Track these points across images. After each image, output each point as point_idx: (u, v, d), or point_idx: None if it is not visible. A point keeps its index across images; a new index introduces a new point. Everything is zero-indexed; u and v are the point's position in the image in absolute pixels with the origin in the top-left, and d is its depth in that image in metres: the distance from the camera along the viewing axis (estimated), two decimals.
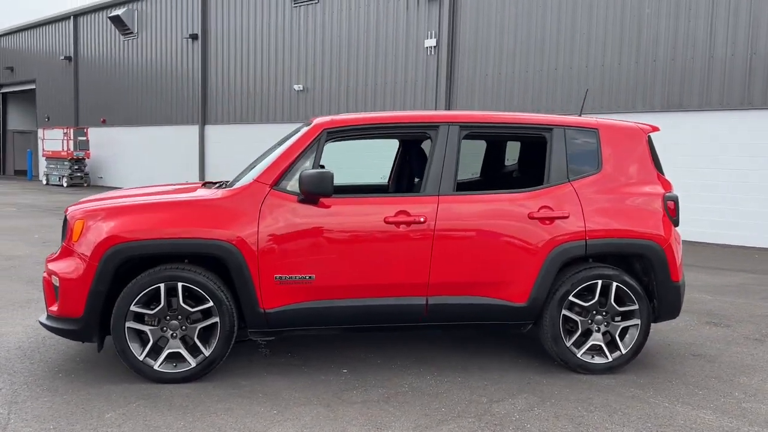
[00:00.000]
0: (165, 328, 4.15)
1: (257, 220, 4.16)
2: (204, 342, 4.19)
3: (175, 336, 4.16)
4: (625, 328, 4.52)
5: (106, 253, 4.04)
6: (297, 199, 4.22)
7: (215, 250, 4.10)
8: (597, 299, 4.44)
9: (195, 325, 4.16)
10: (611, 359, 4.48)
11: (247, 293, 4.15)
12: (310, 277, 4.20)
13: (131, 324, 4.09)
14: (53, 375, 4.27)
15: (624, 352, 4.49)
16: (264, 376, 4.34)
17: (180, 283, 4.10)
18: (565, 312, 4.44)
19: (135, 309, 4.08)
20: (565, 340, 4.45)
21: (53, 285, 4.21)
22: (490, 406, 3.91)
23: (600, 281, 4.42)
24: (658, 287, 4.52)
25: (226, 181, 4.86)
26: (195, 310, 4.14)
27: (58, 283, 4.15)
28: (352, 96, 17.54)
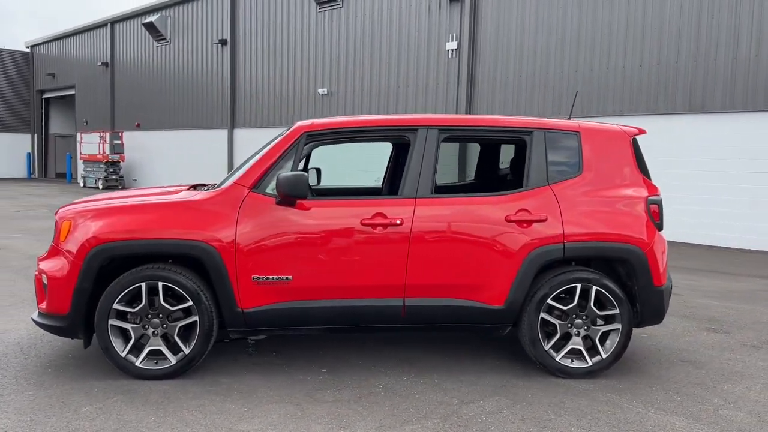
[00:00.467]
0: (147, 326, 4.27)
1: (235, 221, 4.25)
2: (184, 340, 4.30)
3: (157, 334, 4.28)
4: (606, 332, 4.48)
5: (89, 253, 4.19)
6: (275, 201, 4.30)
7: (193, 250, 4.21)
8: (576, 303, 4.42)
9: (175, 324, 4.27)
10: (591, 363, 4.44)
11: (225, 293, 4.25)
12: (287, 278, 4.27)
13: (114, 321, 4.23)
14: (43, 370, 4.44)
15: (604, 356, 4.45)
16: (244, 374, 4.43)
17: (160, 283, 4.22)
18: (544, 315, 4.42)
19: (118, 307, 4.22)
20: (544, 343, 4.43)
21: (43, 283, 4.37)
22: (459, 407, 3.93)
23: (579, 285, 4.40)
24: (640, 292, 4.47)
25: (214, 184, 4.98)
26: (175, 309, 4.26)
27: (46, 281, 4.32)
28: (374, 99, 17.64)
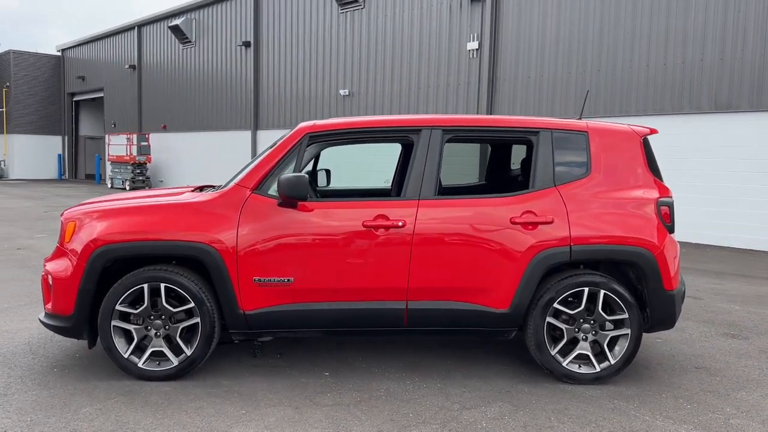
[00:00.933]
0: (149, 327, 4.28)
1: (237, 223, 4.24)
2: (186, 342, 4.30)
3: (159, 335, 4.29)
4: (615, 337, 4.36)
5: (93, 254, 4.21)
6: (276, 203, 4.28)
7: (195, 252, 4.20)
8: (584, 307, 4.31)
9: (177, 325, 4.28)
10: (599, 369, 4.33)
11: (227, 295, 4.24)
12: (288, 280, 4.25)
13: (117, 323, 4.24)
14: (49, 370, 4.47)
15: (613, 362, 4.33)
16: (246, 377, 4.41)
17: (162, 284, 4.22)
18: (550, 319, 4.32)
19: (120, 308, 4.23)
20: (551, 348, 4.34)
21: (49, 284, 4.41)
22: (460, 413, 3.85)
23: (587, 289, 4.29)
24: (650, 296, 4.35)
25: (220, 185, 4.98)
26: (177, 310, 4.26)
27: (51, 282, 4.36)
28: (396, 100, 17.59)
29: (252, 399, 4.02)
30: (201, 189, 5.15)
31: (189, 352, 4.27)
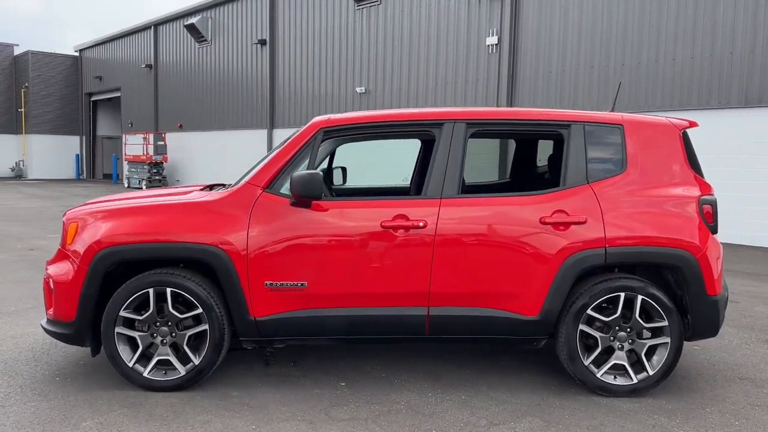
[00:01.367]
0: (155, 334, 4.04)
1: (247, 223, 3.98)
2: (194, 350, 4.05)
3: (165, 343, 4.04)
4: (653, 346, 4.04)
5: (95, 257, 3.97)
6: (289, 202, 4.01)
7: (202, 254, 3.95)
8: (620, 313, 4.00)
9: (185, 332, 4.03)
10: (636, 381, 4.02)
11: (237, 300, 3.98)
12: (302, 285, 3.98)
13: (121, 329, 4.00)
14: (50, 379, 4.24)
15: (651, 373, 4.01)
16: (258, 387, 4.15)
17: (169, 289, 3.98)
18: (583, 327, 4.01)
19: (125, 314, 3.99)
20: (584, 358, 4.03)
21: (51, 288, 4.18)
22: (487, 429, 3.56)
23: (623, 294, 3.97)
24: (691, 302, 4.02)
25: (230, 184, 4.73)
26: (184, 316, 4.01)
27: (53, 286, 4.13)
28: (413, 97, 17.29)
29: (263, 412, 3.76)
30: (211, 188, 4.91)
31: (197, 360, 4.01)
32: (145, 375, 4.02)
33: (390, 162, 12.76)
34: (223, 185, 4.97)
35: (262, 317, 3.99)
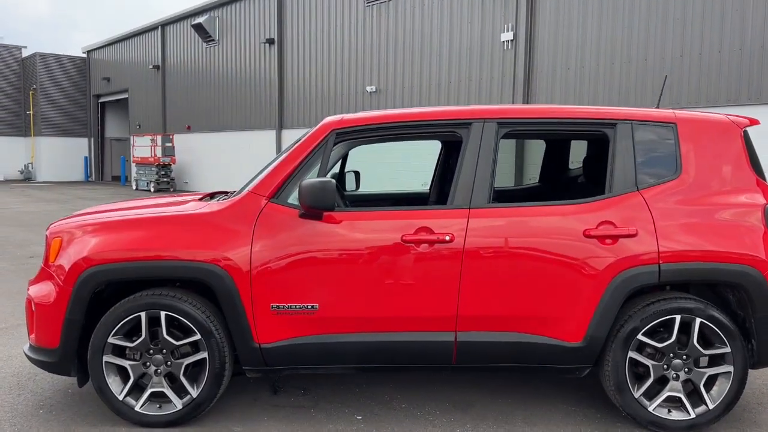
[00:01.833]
0: (148, 363, 3.58)
1: (251, 238, 3.52)
2: (192, 381, 3.59)
3: (160, 373, 3.58)
4: (713, 376, 3.54)
5: (80, 277, 3.52)
6: (298, 214, 3.55)
7: (199, 273, 3.49)
8: (675, 339, 3.50)
9: (181, 361, 3.57)
10: (694, 415, 3.52)
11: (239, 325, 3.52)
12: (312, 307, 3.51)
13: (110, 358, 3.55)
14: (33, 412, 3.80)
15: (711, 406, 3.51)
16: (263, 421, 3.69)
17: (163, 312, 3.52)
18: (633, 354, 3.52)
19: (114, 341, 3.54)
20: (633, 389, 3.53)
21: (33, 310, 3.74)
22: None
23: (678, 316, 3.48)
24: (757, 325, 3.52)
25: (233, 192, 4.26)
26: (180, 343, 3.56)
27: (34, 308, 3.69)
28: (425, 95, 16.79)
29: None
30: (212, 196, 4.45)
31: (195, 393, 3.55)
32: (138, 409, 3.56)
33: (405, 164, 12.27)
34: (226, 193, 4.52)
35: (267, 344, 3.53)
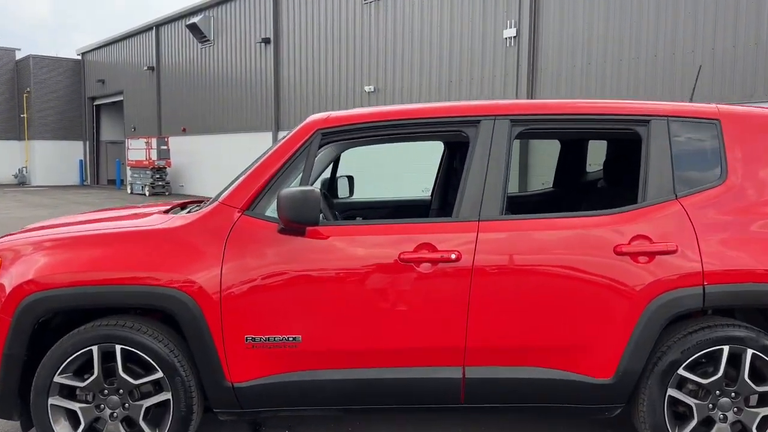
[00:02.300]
0: (102, 405, 3.05)
1: (221, 258, 2.98)
2: (153, 426, 3.06)
3: (116, 417, 3.05)
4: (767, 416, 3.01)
5: (21, 304, 2.99)
6: (277, 228, 3.01)
7: (160, 300, 2.96)
8: (722, 374, 2.96)
9: (140, 403, 3.03)
10: None
11: (208, 360, 2.99)
12: (294, 339, 2.98)
13: (56, 400, 3.02)
14: None
15: None
16: None
17: (118, 346, 2.99)
18: (672, 392, 2.99)
19: (60, 380, 3.01)
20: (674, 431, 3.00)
21: None
22: None
23: (726, 347, 2.95)
24: None
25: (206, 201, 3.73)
26: (140, 382, 3.02)
27: None
28: (425, 94, 16.27)
29: None
30: (183, 207, 3.92)
31: None
32: None
33: (403, 166, 11.73)
34: (200, 203, 3.98)
35: (241, 383, 3.00)
